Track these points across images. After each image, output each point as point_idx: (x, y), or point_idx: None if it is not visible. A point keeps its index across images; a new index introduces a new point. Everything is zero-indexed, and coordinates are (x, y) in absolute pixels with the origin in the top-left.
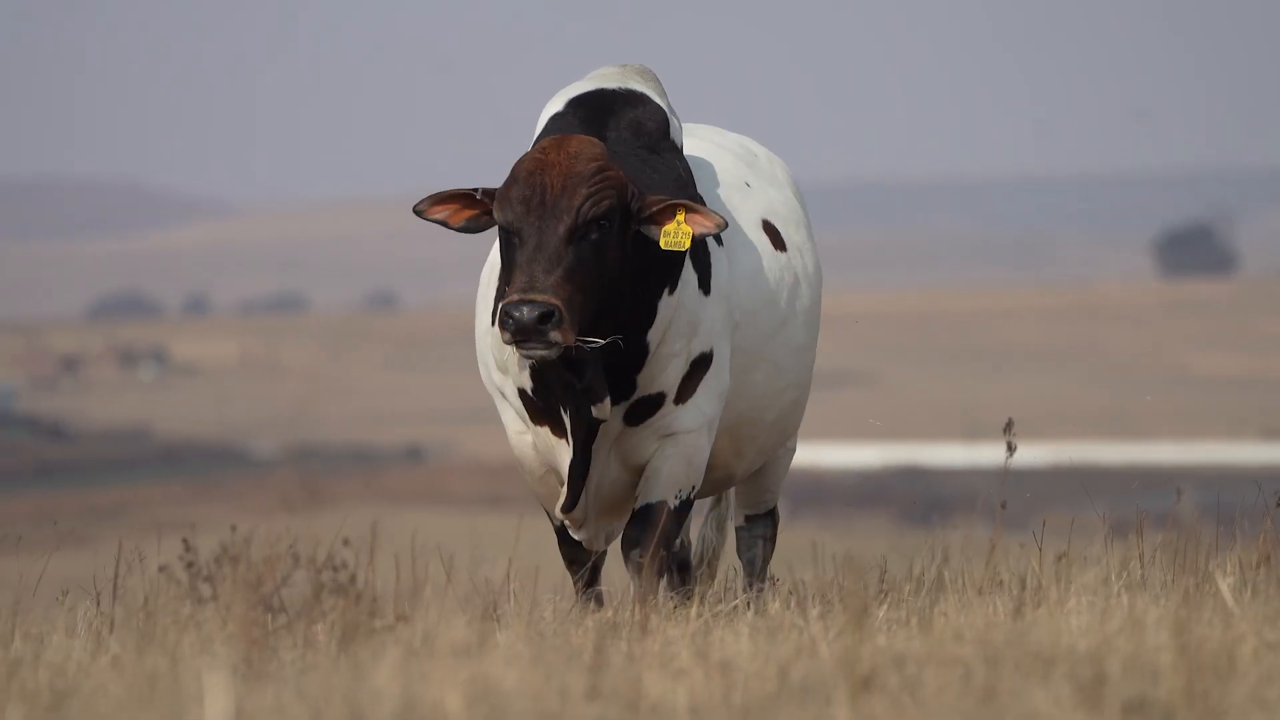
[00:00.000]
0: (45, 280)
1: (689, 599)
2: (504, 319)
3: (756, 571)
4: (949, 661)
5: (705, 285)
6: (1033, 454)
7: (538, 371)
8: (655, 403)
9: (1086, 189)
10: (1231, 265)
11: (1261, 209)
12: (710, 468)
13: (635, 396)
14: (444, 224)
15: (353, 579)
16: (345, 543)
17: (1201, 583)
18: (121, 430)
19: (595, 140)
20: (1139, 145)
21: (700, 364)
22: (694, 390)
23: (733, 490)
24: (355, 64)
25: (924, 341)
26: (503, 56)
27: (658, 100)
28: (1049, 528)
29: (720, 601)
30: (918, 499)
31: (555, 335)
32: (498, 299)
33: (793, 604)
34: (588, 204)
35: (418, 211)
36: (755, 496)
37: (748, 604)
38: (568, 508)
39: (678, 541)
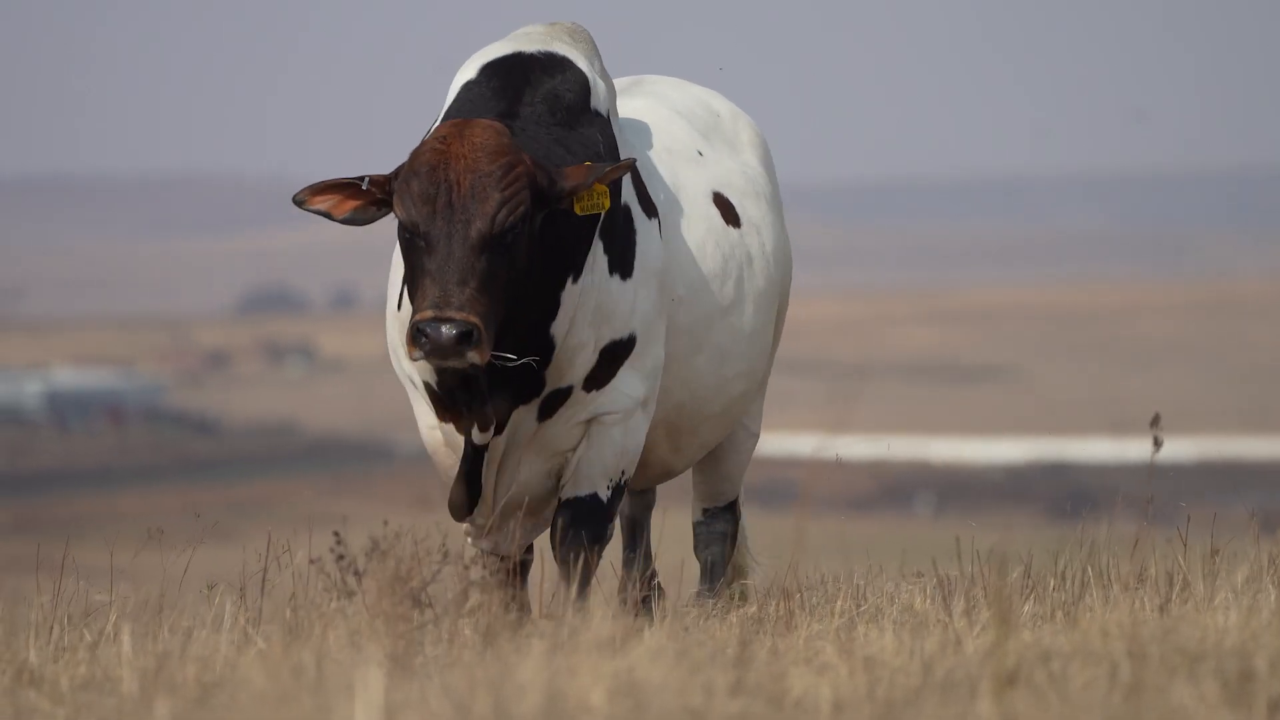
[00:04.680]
0: (193, 276)
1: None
2: (416, 336)
3: (715, 575)
4: (1095, 657)
5: (625, 267)
6: (1178, 449)
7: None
8: (564, 396)
9: (1230, 183)
10: None
11: None
12: (645, 464)
13: (545, 393)
14: (326, 215)
15: (501, 575)
16: None
17: None
18: (268, 425)
19: (499, 127)
20: None
21: (613, 352)
22: (610, 377)
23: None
24: None
25: (1069, 336)
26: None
27: (581, 65)
28: (1194, 523)
29: (865, 600)
30: (1064, 494)
31: (473, 355)
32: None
33: (938, 599)
34: (503, 212)
35: (298, 202)
36: (713, 487)
37: (707, 613)
38: (457, 513)
39: (638, 556)
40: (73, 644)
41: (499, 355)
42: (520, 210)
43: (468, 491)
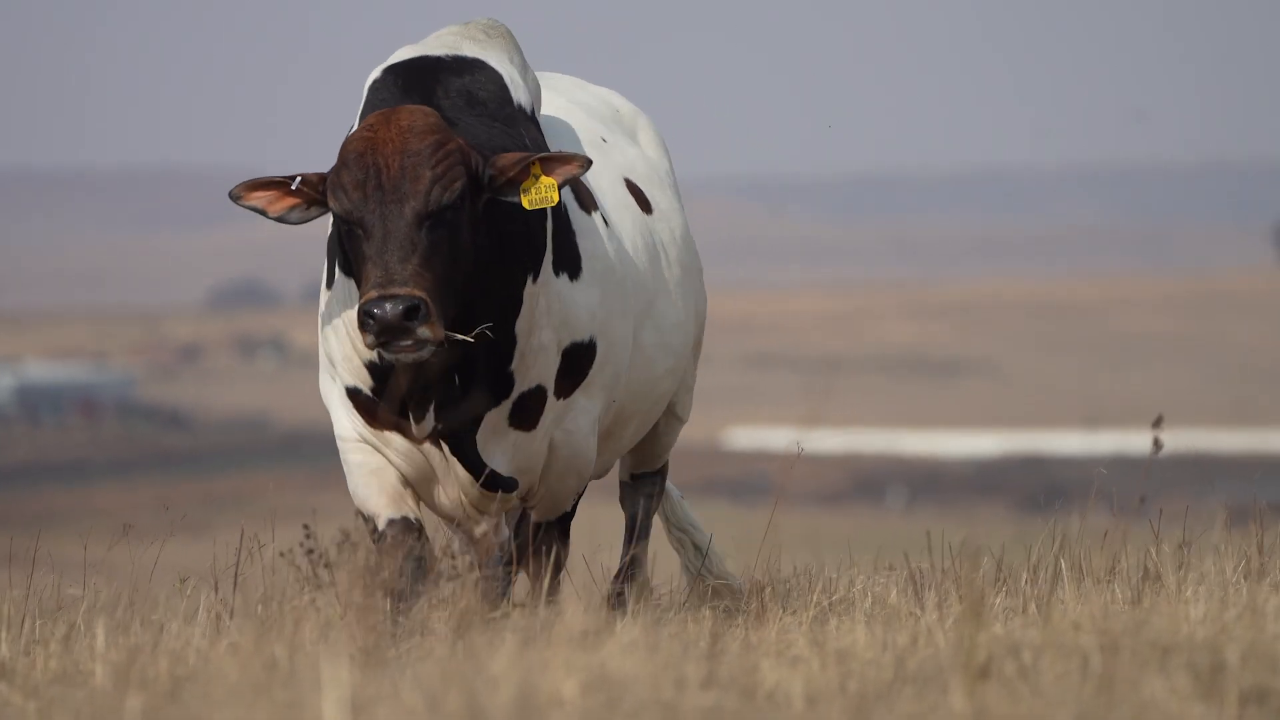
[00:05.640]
0: (165, 269)
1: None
2: (364, 319)
3: (638, 531)
4: (1066, 650)
5: (571, 267)
6: (1150, 442)
7: (379, 369)
8: (539, 399)
9: (1207, 177)
10: None
11: None
12: None
13: (516, 392)
14: (260, 212)
15: (472, 567)
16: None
17: None
18: (240, 419)
19: (427, 109)
20: (1262, 132)
21: (576, 355)
22: (576, 385)
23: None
24: None
25: (1044, 330)
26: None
27: (495, 65)
28: (1166, 516)
29: (835, 590)
30: (1037, 487)
31: (424, 331)
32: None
33: (909, 592)
34: (437, 189)
35: (233, 197)
36: (640, 456)
37: (628, 581)
38: (510, 487)
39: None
40: (44, 637)
41: (453, 334)
42: (456, 187)
43: (477, 470)
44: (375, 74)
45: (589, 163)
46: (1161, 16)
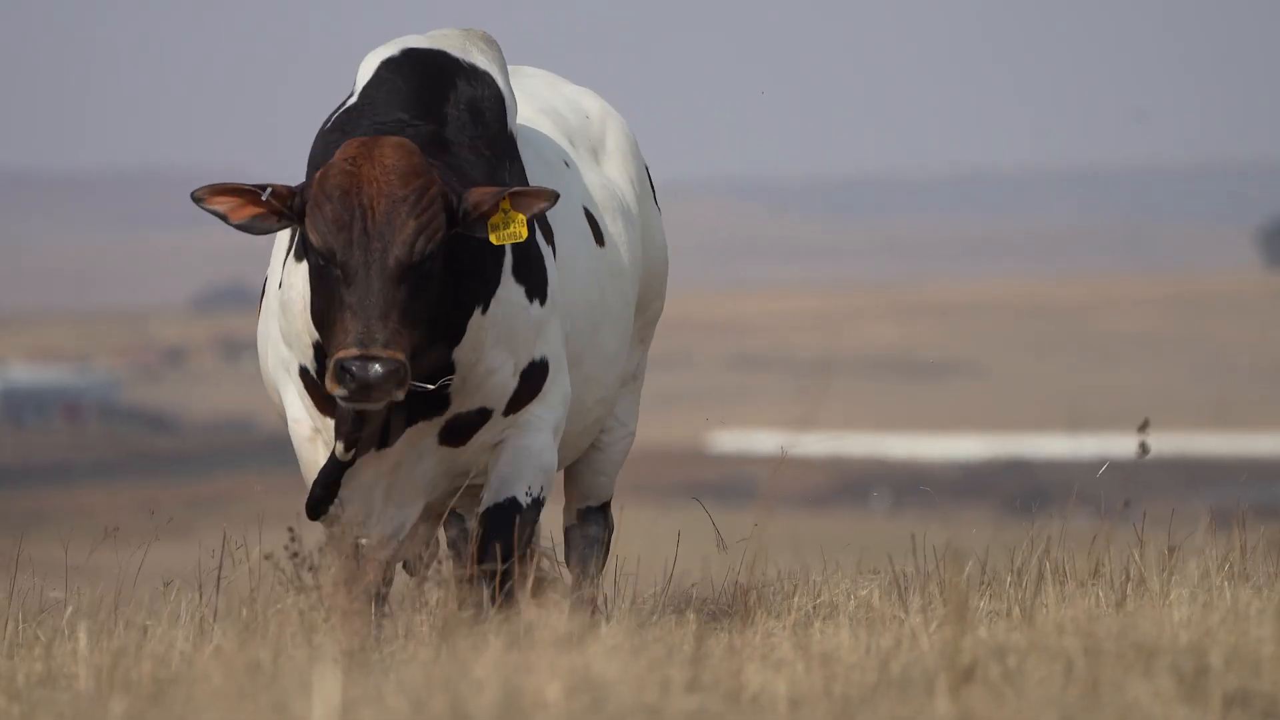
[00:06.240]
0: (150, 270)
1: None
2: (341, 375)
3: (589, 575)
4: (1050, 653)
5: (540, 295)
6: (1135, 445)
7: (322, 351)
8: (479, 418)
9: (1192, 178)
10: None
11: None
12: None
13: (451, 412)
14: (222, 217)
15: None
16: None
17: None
18: (225, 421)
19: (409, 146)
20: (1246, 134)
21: (531, 375)
22: (529, 400)
23: (562, 483)
24: None
25: (1028, 332)
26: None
27: (499, 83)
28: (1150, 519)
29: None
30: (1021, 491)
31: (399, 394)
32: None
33: (894, 596)
34: (421, 239)
35: (196, 199)
36: (586, 484)
37: (596, 612)
38: (311, 512)
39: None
40: (28, 640)
41: (417, 385)
42: (439, 236)
43: (326, 494)
44: (390, 52)
45: (556, 197)
46: (1161, 16)
